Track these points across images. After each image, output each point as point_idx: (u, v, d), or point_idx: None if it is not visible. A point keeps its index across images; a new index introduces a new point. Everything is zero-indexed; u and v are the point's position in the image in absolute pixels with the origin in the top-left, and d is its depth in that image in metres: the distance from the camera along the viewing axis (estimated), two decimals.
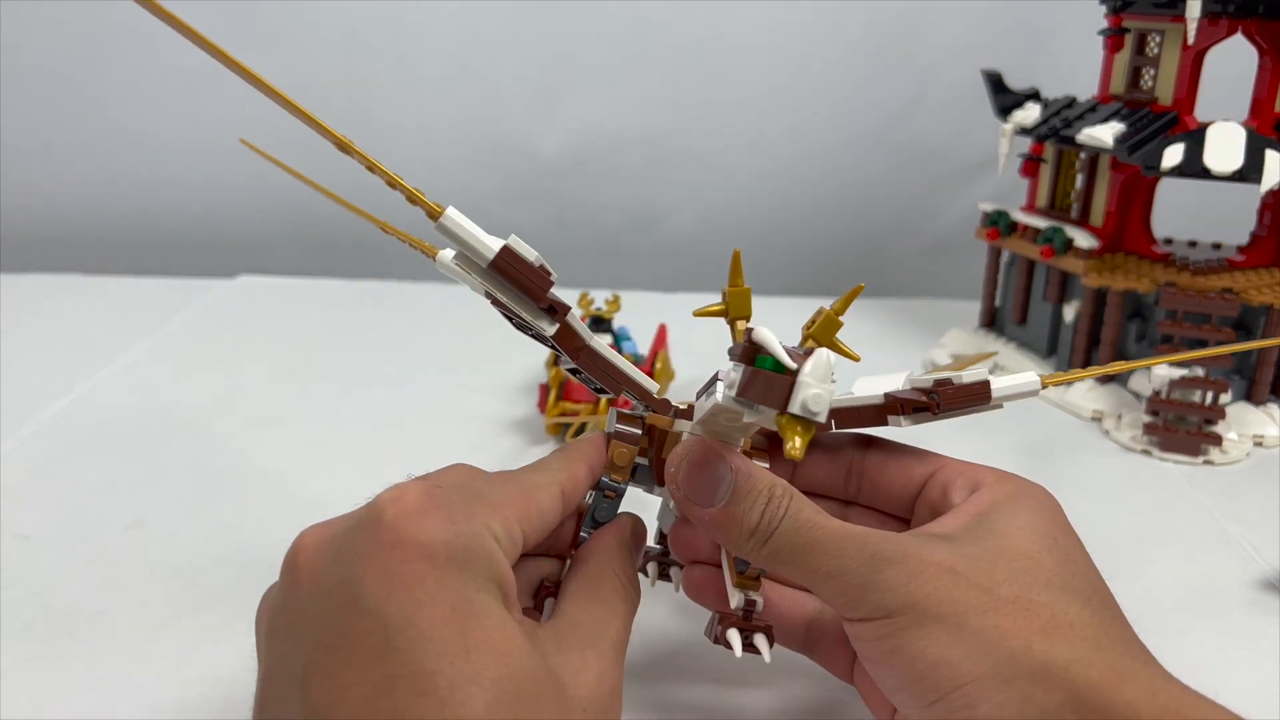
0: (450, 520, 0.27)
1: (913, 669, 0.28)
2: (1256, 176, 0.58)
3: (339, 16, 0.94)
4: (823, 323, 0.31)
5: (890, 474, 0.36)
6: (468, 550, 0.26)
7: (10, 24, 0.92)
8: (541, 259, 0.31)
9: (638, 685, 0.39)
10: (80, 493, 0.53)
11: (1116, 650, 0.28)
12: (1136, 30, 0.66)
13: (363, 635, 0.25)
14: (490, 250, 0.30)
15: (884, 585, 0.29)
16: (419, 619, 0.25)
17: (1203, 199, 0.73)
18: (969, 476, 0.34)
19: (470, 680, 0.24)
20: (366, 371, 0.72)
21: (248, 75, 0.28)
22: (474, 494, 0.29)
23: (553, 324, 0.32)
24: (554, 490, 0.32)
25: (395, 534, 0.26)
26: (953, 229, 1.02)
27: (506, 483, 0.31)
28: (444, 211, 0.30)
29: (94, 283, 0.90)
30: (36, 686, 0.38)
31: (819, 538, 0.30)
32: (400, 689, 0.24)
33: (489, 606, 0.26)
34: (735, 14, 0.94)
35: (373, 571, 0.25)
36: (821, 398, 0.25)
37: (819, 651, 0.37)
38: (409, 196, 0.31)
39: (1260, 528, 0.52)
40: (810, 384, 0.25)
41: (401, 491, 0.27)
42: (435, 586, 0.25)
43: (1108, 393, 0.67)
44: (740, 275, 0.31)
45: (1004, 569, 0.30)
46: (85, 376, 0.68)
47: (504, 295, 0.31)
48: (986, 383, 0.34)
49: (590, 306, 0.64)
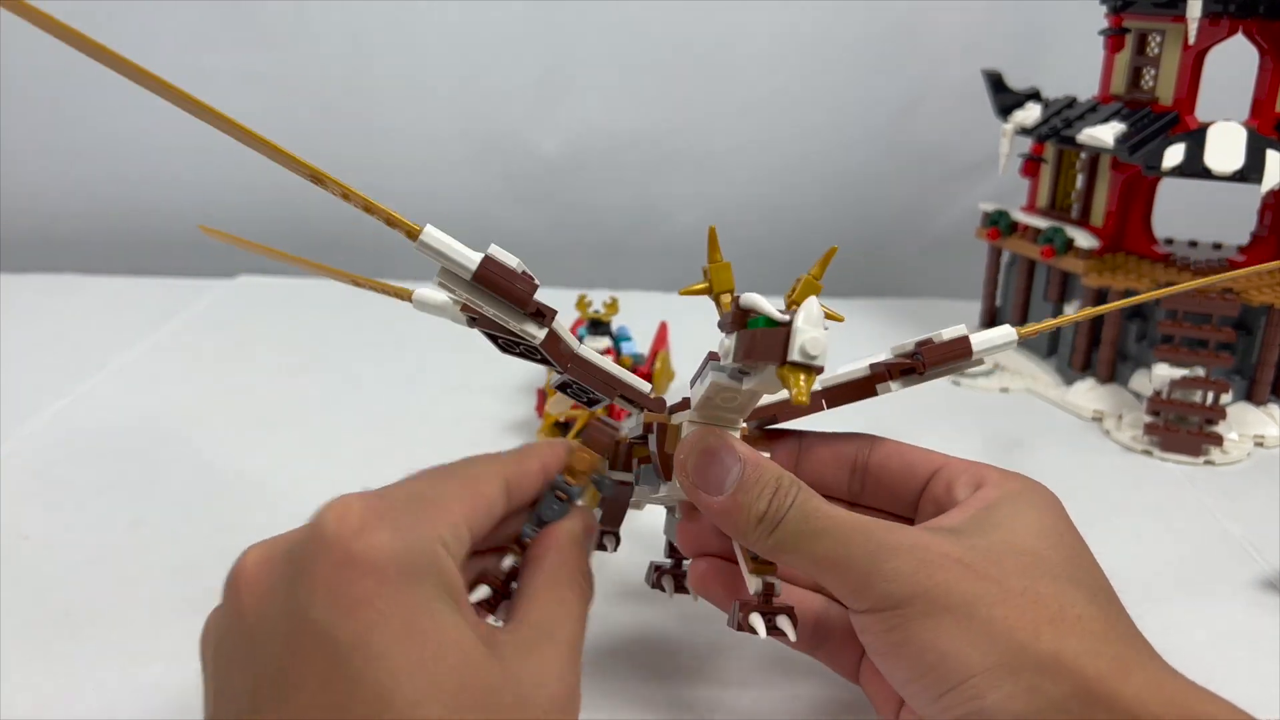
0: (397, 532, 0.26)
1: (922, 660, 0.28)
2: (1257, 176, 0.58)
3: (339, 17, 0.94)
4: (803, 287, 0.31)
5: (894, 472, 0.36)
6: (417, 563, 0.26)
7: (10, 24, 0.92)
8: (523, 265, 0.31)
9: (639, 685, 0.39)
10: (80, 493, 0.53)
11: (1122, 644, 0.29)
12: (1137, 30, 0.66)
13: (314, 658, 0.24)
14: (472, 262, 0.30)
15: (891, 575, 0.29)
16: (372, 639, 0.24)
17: (1203, 199, 0.73)
18: (973, 474, 0.34)
19: (429, 695, 0.24)
20: (366, 371, 0.72)
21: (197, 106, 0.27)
22: (418, 499, 0.28)
23: (540, 328, 0.32)
24: (498, 483, 0.31)
25: (341, 552, 0.25)
26: (953, 229, 1.02)
27: (451, 477, 0.30)
28: (423, 230, 0.30)
29: (94, 283, 0.90)
30: (37, 686, 0.38)
31: (825, 526, 0.30)
32: (357, 706, 0.23)
33: (444, 618, 0.25)
34: (735, 14, 0.94)
35: (320, 592, 0.25)
36: (819, 340, 0.25)
37: (825, 651, 0.37)
38: (386, 220, 0.30)
39: (1260, 528, 0.52)
40: (806, 329, 0.25)
41: (345, 506, 0.26)
42: (387, 604, 0.25)
43: (1108, 393, 0.67)
44: (718, 250, 0.31)
45: (1011, 562, 0.30)
46: (85, 376, 0.68)
47: (489, 307, 0.31)
48: (965, 338, 0.35)
49: (588, 309, 0.64)
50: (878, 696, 0.35)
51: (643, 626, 0.43)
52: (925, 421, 0.45)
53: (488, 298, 0.31)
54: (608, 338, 0.63)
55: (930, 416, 0.45)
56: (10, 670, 0.39)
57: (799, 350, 0.25)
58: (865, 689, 0.36)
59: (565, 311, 0.68)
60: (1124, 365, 0.67)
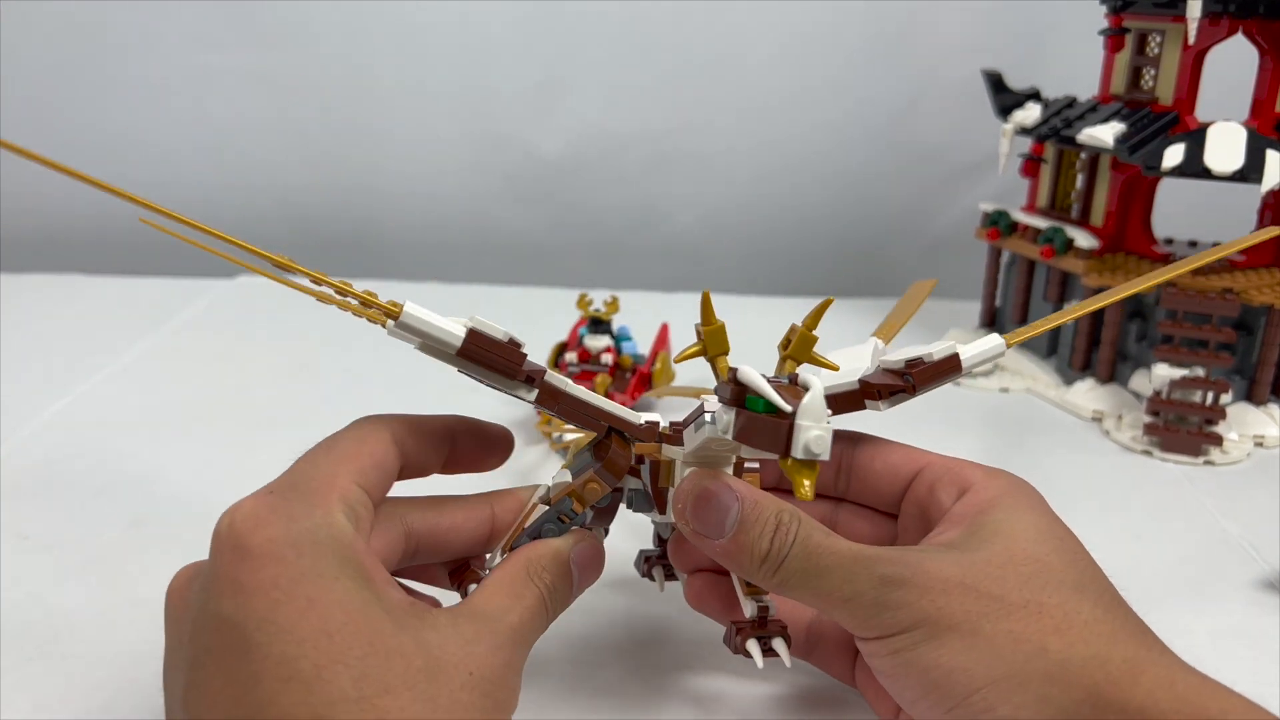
0: (289, 519, 0.27)
1: (928, 678, 0.29)
2: (1257, 176, 0.58)
3: (339, 17, 0.94)
4: (798, 341, 0.31)
5: (878, 471, 0.36)
6: (315, 543, 0.27)
7: (10, 24, 0.92)
8: (509, 334, 0.31)
9: (640, 682, 0.39)
10: (81, 493, 0.53)
11: (1131, 644, 0.29)
12: (1137, 30, 0.66)
13: (224, 643, 0.25)
14: (456, 338, 0.30)
15: (895, 604, 0.29)
16: (276, 616, 0.25)
17: (1203, 199, 0.73)
18: (954, 474, 0.34)
19: (334, 660, 0.25)
20: (366, 371, 0.72)
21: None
22: (302, 481, 0.29)
23: (531, 390, 0.32)
24: (384, 435, 0.32)
25: (239, 548, 0.26)
26: (953, 229, 1.02)
27: (332, 449, 0.31)
28: (402, 309, 0.29)
29: (94, 283, 0.90)
30: (36, 687, 0.38)
31: (830, 563, 0.30)
32: (266, 680, 0.24)
33: (348, 591, 0.26)
34: (735, 14, 0.94)
35: (225, 585, 0.26)
36: (823, 439, 0.25)
37: (818, 655, 0.37)
38: (362, 301, 0.30)
39: (1260, 528, 0.52)
40: (809, 426, 0.25)
41: (236, 509, 0.28)
42: (289, 585, 0.26)
43: (1108, 393, 0.67)
44: (712, 313, 0.30)
45: (1013, 574, 0.30)
46: (85, 376, 0.68)
47: (477, 376, 0.31)
48: (956, 355, 0.35)
49: (589, 308, 0.64)
50: (875, 699, 0.36)
51: (643, 618, 0.43)
52: (924, 421, 0.45)
53: (474, 369, 0.31)
54: (608, 336, 0.64)
55: (929, 416, 0.45)
56: (10, 670, 0.39)
57: (803, 449, 0.25)
58: (863, 692, 0.36)
59: (566, 310, 0.68)
60: (1124, 365, 0.67)
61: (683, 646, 0.41)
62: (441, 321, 0.30)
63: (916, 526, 0.35)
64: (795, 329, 0.31)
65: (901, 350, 0.36)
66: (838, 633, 0.37)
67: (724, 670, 0.40)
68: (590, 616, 0.42)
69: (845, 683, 0.37)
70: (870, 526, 0.37)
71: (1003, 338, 0.36)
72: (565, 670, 0.40)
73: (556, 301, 0.77)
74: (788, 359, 0.31)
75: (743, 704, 0.38)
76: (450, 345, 0.30)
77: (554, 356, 0.65)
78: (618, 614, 0.43)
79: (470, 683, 0.27)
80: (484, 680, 0.27)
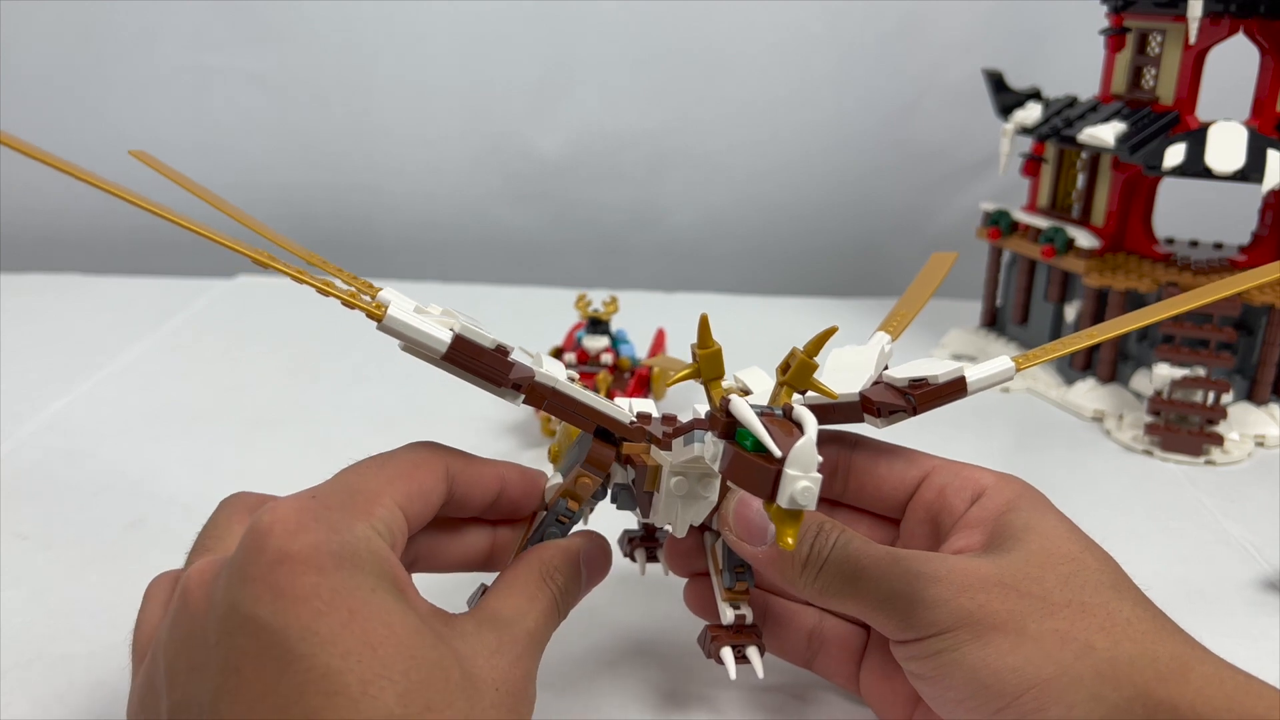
0: (331, 529, 0.26)
1: (975, 679, 0.28)
2: (1258, 176, 0.58)
3: (338, 16, 0.94)
4: (797, 368, 0.30)
5: (880, 475, 0.36)
6: (355, 554, 0.26)
7: (10, 24, 0.92)
8: (497, 340, 0.30)
9: (641, 681, 0.39)
10: (80, 493, 0.53)
11: (1174, 642, 0.29)
12: (1138, 30, 0.66)
13: (264, 651, 0.25)
14: (441, 344, 0.29)
15: (932, 601, 0.29)
16: (319, 626, 0.24)
17: (1204, 199, 0.73)
18: (965, 478, 0.34)
19: (379, 675, 0.24)
20: (366, 371, 0.72)
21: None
22: (349, 492, 0.29)
23: (518, 395, 0.31)
24: (437, 467, 0.31)
25: (280, 551, 0.26)
26: (953, 229, 1.02)
27: (384, 466, 0.30)
28: (385, 312, 0.29)
29: (94, 283, 0.90)
30: (36, 686, 0.38)
31: (866, 565, 0.30)
32: (310, 693, 0.24)
33: (387, 604, 0.26)
34: (735, 14, 0.94)
35: (265, 591, 0.25)
36: (810, 491, 0.24)
37: (820, 663, 0.37)
38: (344, 303, 0.30)
39: (1261, 528, 0.52)
40: (796, 476, 0.24)
41: (278, 509, 0.27)
42: (330, 594, 0.25)
43: (1109, 393, 0.67)
44: (709, 336, 0.30)
45: (1051, 574, 0.30)
46: (85, 376, 0.68)
47: (463, 379, 0.31)
48: (962, 379, 0.34)
49: (588, 308, 0.64)
50: (881, 706, 0.35)
51: (643, 616, 0.43)
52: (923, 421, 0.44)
53: (460, 374, 0.31)
54: (607, 337, 0.63)
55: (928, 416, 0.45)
56: (10, 670, 0.38)
57: (789, 499, 0.24)
58: (867, 698, 0.36)
59: (565, 310, 0.68)
60: (1125, 365, 0.67)
61: (681, 647, 0.41)
62: (426, 325, 0.29)
63: (924, 532, 0.35)
64: (795, 354, 0.31)
65: (908, 365, 0.35)
66: (841, 639, 0.37)
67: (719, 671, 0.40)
68: (592, 614, 0.42)
69: (847, 689, 0.37)
70: (870, 531, 0.37)
71: (1013, 361, 0.36)
72: (565, 669, 0.40)
73: (555, 301, 0.77)
74: (785, 385, 0.31)
75: (743, 704, 0.38)
76: (435, 350, 0.30)
77: (555, 352, 0.65)
78: (616, 613, 0.43)
79: (498, 698, 0.27)
80: (509, 695, 0.27)
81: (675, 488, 0.33)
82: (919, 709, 0.34)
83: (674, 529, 0.34)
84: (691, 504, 0.33)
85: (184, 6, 0.92)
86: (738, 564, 0.35)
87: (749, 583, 0.35)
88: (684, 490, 0.33)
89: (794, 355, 0.31)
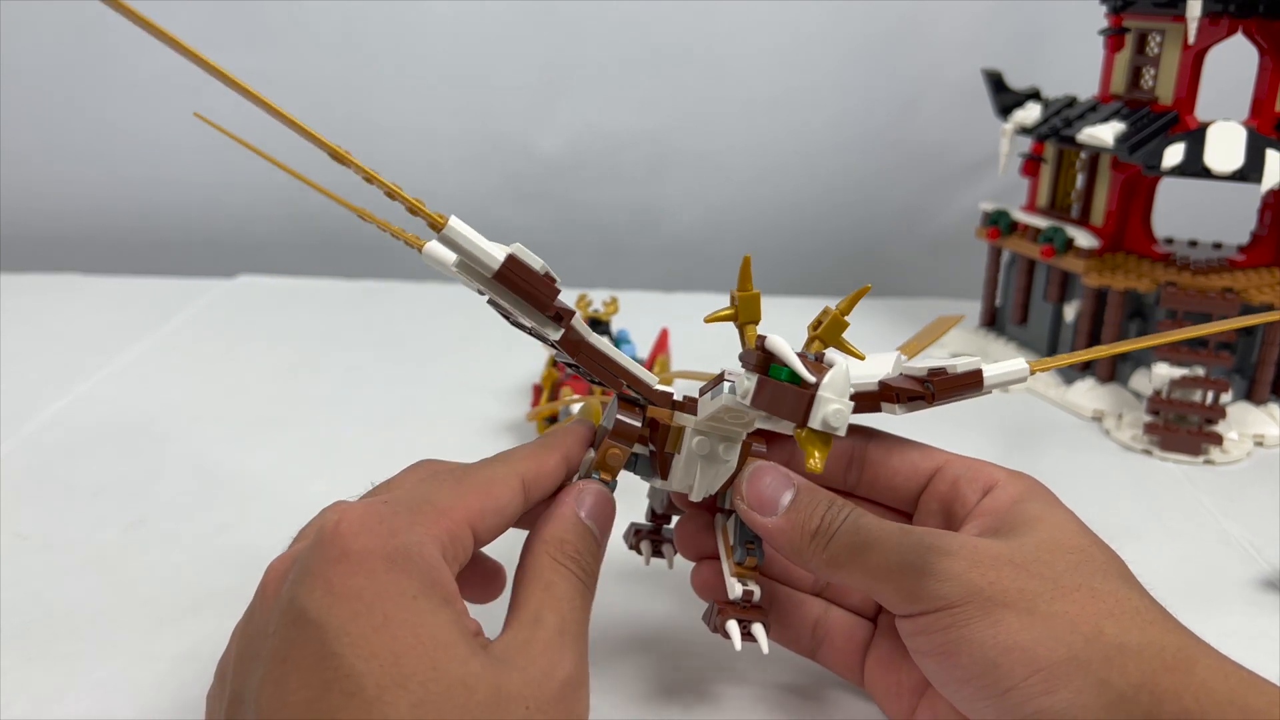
0: (391, 533, 0.27)
1: (983, 657, 0.28)
2: (1257, 176, 0.58)
3: (337, 16, 0.94)
4: (829, 324, 0.30)
5: (894, 467, 0.36)
6: (406, 560, 0.27)
7: (10, 24, 0.92)
8: (546, 266, 0.31)
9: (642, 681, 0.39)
10: (80, 493, 0.53)
11: (1179, 635, 0.29)
12: (1137, 30, 0.66)
13: (306, 645, 0.25)
14: (495, 260, 0.30)
15: (943, 574, 0.29)
16: (353, 627, 0.25)
17: (1203, 199, 0.73)
18: (978, 471, 0.35)
19: (397, 683, 0.25)
20: (366, 371, 0.72)
21: (234, 84, 0.28)
22: (420, 501, 0.29)
23: (558, 330, 0.32)
24: (513, 483, 0.31)
25: (338, 549, 0.26)
26: (953, 229, 1.02)
27: (460, 481, 0.31)
28: (447, 221, 0.30)
29: (94, 283, 0.90)
30: (36, 686, 0.38)
31: (877, 537, 0.30)
32: (333, 692, 0.25)
33: (424, 613, 0.26)
34: (735, 14, 0.94)
35: (318, 586, 0.26)
36: (842, 413, 0.25)
37: (824, 653, 0.37)
38: (409, 208, 0.30)
39: (1260, 528, 0.52)
40: (830, 399, 0.25)
41: (346, 508, 0.28)
42: (372, 597, 0.26)
43: (1108, 392, 0.67)
44: (750, 280, 0.31)
45: (1061, 560, 0.30)
46: (85, 376, 0.68)
47: (508, 303, 0.31)
48: (979, 371, 0.35)
49: (588, 309, 0.64)
50: (885, 697, 0.35)
51: (640, 609, 0.43)
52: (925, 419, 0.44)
53: (507, 295, 0.31)
54: (607, 338, 0.63)
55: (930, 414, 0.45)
56: (10, 670, 0.39)
57: (821, 420, 0.25)
58: (871, 690, 0.36)
59: None
60: (1124, 364, 0.67)
61: (684, 644, 0.41)
62: (484, 242, 0.30)
63: (936, 523, 0.35)
64: (828, 311, 0.31)
65: (924, 360, 0.36)
66: (846, 630, 0.37)
67: (725, 667, 0.40)
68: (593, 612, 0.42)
69: (851, 680, 0.37)
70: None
71: (1028, 364, 0.36)
72: None
73: None
74: (816, 339, 0.31)
75: (743, 702, 0.38)
76: (488, 267, 0.30)
77: (551, 360, 0.65)
78: (618, 608, 0.43)
79: (538, 703, 0.27)
80: (548, 700, 0.27)
81: (697, 447, 0.33)
82: (923, 701, 0.34)
83: (692, 493, 0.34)
84: (711, 466, 0.34)
85: (184, 6, 0.92)
86: (749, 539, 0.35)
87: (759, 559, 0.35)
88: (706, 449, 0.33)
89: (826, 312, 0.31)
